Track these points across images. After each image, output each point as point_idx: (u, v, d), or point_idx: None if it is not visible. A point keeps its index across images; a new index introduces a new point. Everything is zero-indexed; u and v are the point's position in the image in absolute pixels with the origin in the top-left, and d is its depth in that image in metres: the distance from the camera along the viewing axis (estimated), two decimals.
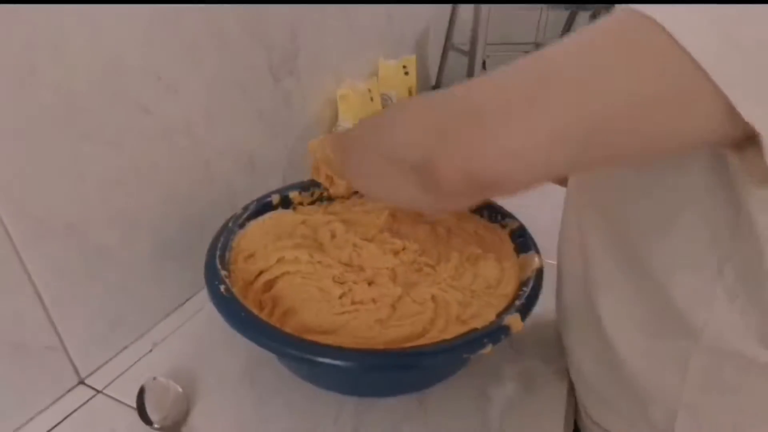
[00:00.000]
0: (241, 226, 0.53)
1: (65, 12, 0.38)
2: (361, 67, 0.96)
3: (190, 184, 0.55)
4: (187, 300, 0.59)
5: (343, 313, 0.41)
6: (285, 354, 0.37)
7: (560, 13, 1.42)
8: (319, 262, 0.46)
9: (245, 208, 0.55)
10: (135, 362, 0.49)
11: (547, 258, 0.47)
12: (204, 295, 0.58)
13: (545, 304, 0.52)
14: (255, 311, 0.40)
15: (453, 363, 0.44)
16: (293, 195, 0.57)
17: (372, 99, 0.88)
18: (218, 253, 0.47)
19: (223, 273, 0.43)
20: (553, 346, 0.52)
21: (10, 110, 0.36)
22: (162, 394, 0.43)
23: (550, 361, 0.50)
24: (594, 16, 1.34)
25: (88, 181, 0.42)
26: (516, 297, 0.44)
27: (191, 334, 0.53)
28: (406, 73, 1.03)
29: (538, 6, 1.28)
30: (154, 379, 0.44)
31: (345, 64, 0.88)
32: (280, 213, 0.56)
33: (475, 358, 0.38)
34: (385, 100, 1.01)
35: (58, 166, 0.40)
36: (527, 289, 0.43)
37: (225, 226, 0.52)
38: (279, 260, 0.46)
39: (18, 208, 0.37)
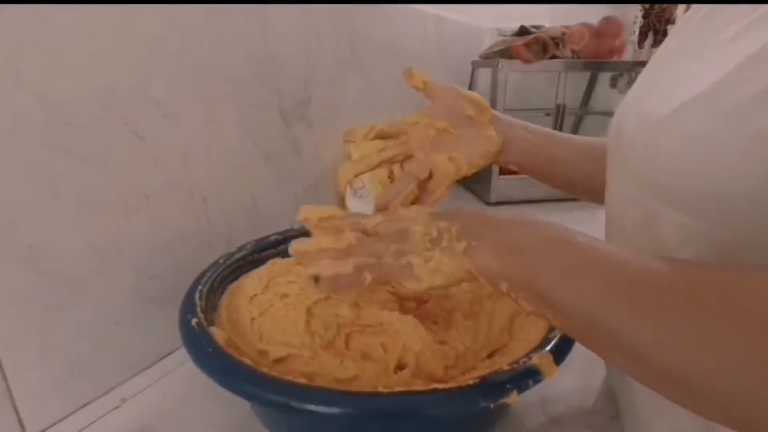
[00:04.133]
0: (235, 268, 0.48)
1: (63, 15, 0.37)
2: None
3: (183, 221, 0.51)
4: (170, 353, 0.52)
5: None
6: (253, 396, 0.29)
7: (579, 76, 1.43)
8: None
9: (241, 248, 0.51)
10: (96, 419, 0.42)
11: None
12: None
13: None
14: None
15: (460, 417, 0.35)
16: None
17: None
18: (201, 288, 0.41)
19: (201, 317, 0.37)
20: (601, 414, 0.42)
21: None
22: None
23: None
24: (614, 80, 1.34)
25: (63, 200, 0.39)
26: (544, 339, 0.35)
27: (169, 393, 0.46)
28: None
29: (557, 70, 1.29)
30: None
31: (360, 118, 0.88)
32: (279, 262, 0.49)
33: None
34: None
35: (28, 177, 0.36)
36: (559, 331, 0.35)
37: (215, 262, 0.47)
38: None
39: None
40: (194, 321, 0.36)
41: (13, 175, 0.36)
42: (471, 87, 1.33)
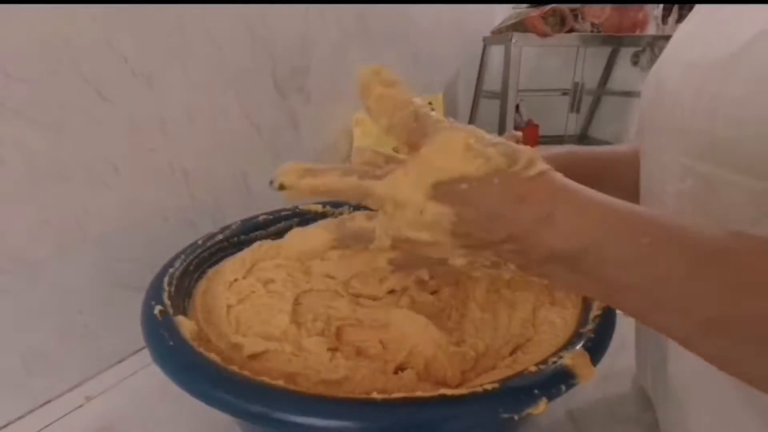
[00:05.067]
0: (217, 250, 0.42)
1: None
2: None
3: (158, 196, 0.46)
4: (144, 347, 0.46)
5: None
6: (213, 400, 0.23)
7: (599, 52, 1.34)
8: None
9: (224, 228, 0.45)
10: (58, 419, 0.37)
11: None
12: None
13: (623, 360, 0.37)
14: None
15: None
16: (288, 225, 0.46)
17: None
18: (172, 270, 0.36)
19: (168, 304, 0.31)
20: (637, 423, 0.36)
21: None
22: None
23: None
24: (636, 56, 1.26)
25: (11, 168, 0.33)
26: (575, 334, 0.29)
27: (140, 391, 0.40)
28: (432, 110, 0.95)
29: (576, 45, 1.21)
30: None
31: None
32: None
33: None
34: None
35: None
36: (592, 323, 0.29)
37: (193, 243, 0.41)
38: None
39: None
40: (158, 309, 0.30)
41: None
42: (482, 66, 1.26)
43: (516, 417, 0.22)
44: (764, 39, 0.21)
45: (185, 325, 0.29)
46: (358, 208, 0.45)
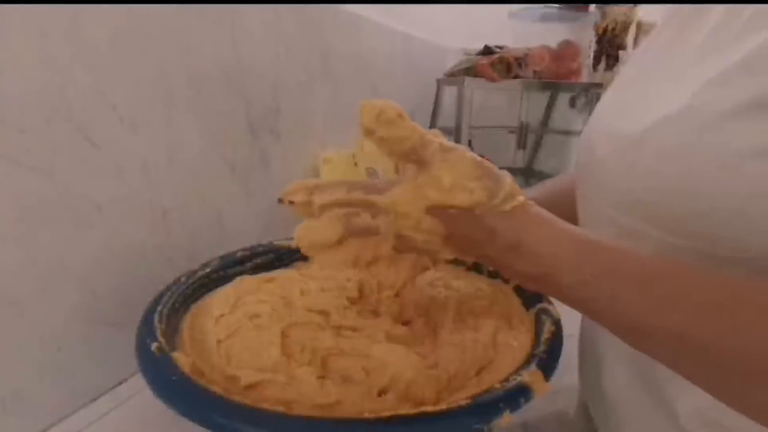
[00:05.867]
0: (199, 286, 0.44)
1: (8, 6, 0.33)
2: (347, 138, 0.94)
3: (139, 234, 0.47)
4: (123, 381, 0.47)
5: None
6: (222, 427, 0.26)
7: (540, 95, 1.48)
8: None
9: (205, 265, 0.47)
10: None
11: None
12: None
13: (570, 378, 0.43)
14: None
15: None
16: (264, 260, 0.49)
17: (356, 164, 0.84)
18: (160, 308, 0.38)
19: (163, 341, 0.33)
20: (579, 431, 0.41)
21: None
22: None
23: None
24: (572, 100, 1.39)
25: (2, 211, 0.35)
26: (531, 355, 0.34)
27: (119, 429, 0.41)
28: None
29: (519, 89, 1.33)
30: None
31: (328, 134, 0.86)
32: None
33: None
34: (371, 174, 0.98)
35: None
36: (544, 344, 0.34)
37: (177, 280, 0.43)
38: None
39: None
40: (154, 345, 0.32)
41: None
42: (436, 104, 1.35)
43: (485, 428, 0.26)
44: (666, 124, 0.26)
45: (182, 361, 0.31)
46: None
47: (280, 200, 0.29)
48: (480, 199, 0.26)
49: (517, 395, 0.28)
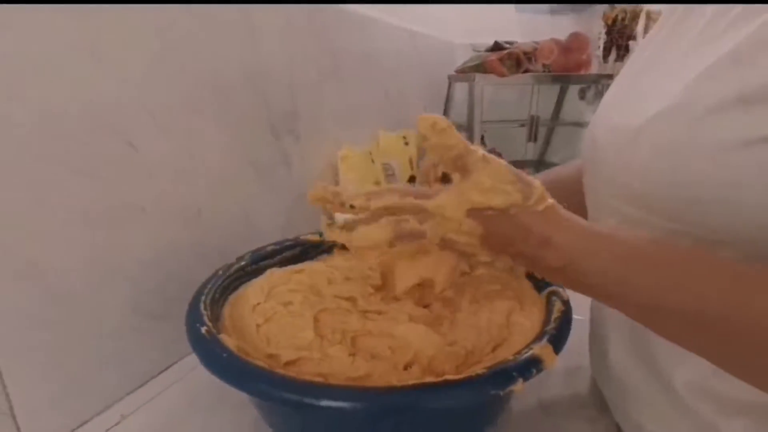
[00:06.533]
0: (235, 278, 0.48)
1: (64, 27, 0.37)
2: (361, 136, 0.97)
3: (179, 233, 0.52)
4: (168, 367, 0.51)
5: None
6: (269, 395, 0.30)
7: (550, 88, 1.49)
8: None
9: (239, 259, 0.51)
10: None
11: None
12: (186, 362, 0.51)
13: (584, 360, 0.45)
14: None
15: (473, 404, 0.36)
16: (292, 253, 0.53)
17: (373, 161, 0.87)
18: (204, 297, 0.42)
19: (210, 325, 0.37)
20: (592, 407, 0.44)
21: None
22: None
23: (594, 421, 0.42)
24: (582, 92, 1.41)
25: (58, 215, 0.39)
26: (541, 332, 0.37)
27: (170, 407, 0.45)
28: (406, 143, 1.05)
29: (529, 83, 1.35)
30: None
31: (344, 132, 0.90)
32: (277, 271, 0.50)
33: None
34: (387, 169, 1.01)
35: (23, 192, 0.36)
36: (554, 323, 0.37)
37: (215, 273, 0.47)
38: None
39: None
40: (204, 329, 0.36)
41: (8, 190, 0.35)
42: (448, 100, 1.37)
43: (501, 393, 0.30)
44: (659, 120, 0.28)
45: (229, 342, 0.35)
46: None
47: (342, 204, 0.33)
48: (515, 200, 0.29)
49: (529, 365, 0.32)
